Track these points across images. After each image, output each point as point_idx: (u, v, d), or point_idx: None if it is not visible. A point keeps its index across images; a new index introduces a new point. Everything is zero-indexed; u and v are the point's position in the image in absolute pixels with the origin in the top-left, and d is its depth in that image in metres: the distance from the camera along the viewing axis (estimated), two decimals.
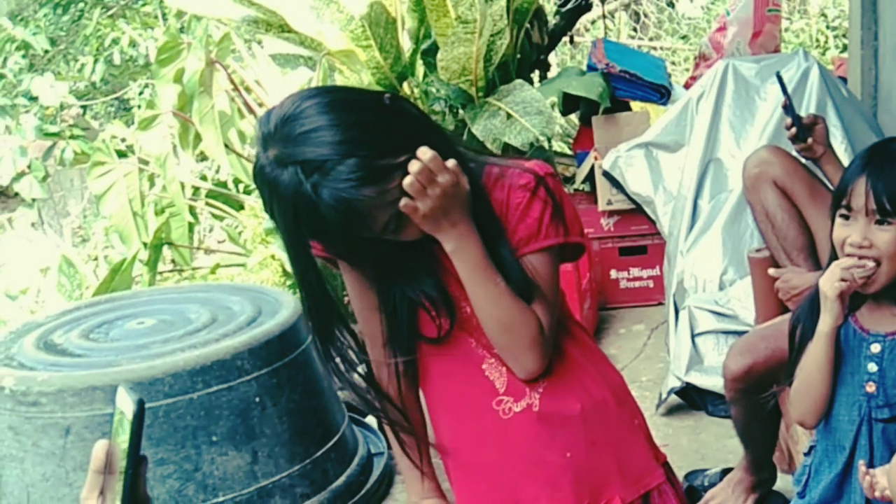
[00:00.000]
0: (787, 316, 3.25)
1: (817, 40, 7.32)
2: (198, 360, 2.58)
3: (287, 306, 2.85)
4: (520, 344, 1.76)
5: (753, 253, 3.62)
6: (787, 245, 3.45)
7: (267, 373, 2.66)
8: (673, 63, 8.17)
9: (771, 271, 3.41)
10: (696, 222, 4.45)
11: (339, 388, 2.34)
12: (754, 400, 3.10)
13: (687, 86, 5.52)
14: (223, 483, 2.55)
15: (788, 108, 3.33)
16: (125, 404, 1.23)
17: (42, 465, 2.53)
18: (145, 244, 4.67)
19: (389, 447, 2.98)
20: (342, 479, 2.79)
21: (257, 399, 2.62)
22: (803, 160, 3.41)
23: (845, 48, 7.57)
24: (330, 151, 1.59)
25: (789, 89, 4.24)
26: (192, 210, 4.91)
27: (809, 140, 3.29)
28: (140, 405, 1.21)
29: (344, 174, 1.58)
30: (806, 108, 4.24)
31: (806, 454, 2.36)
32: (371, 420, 3.27)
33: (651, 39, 7.72)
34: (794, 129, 3.30)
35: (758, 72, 4.58)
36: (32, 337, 2.87)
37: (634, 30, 9.19)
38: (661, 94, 5.38)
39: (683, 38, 8.16)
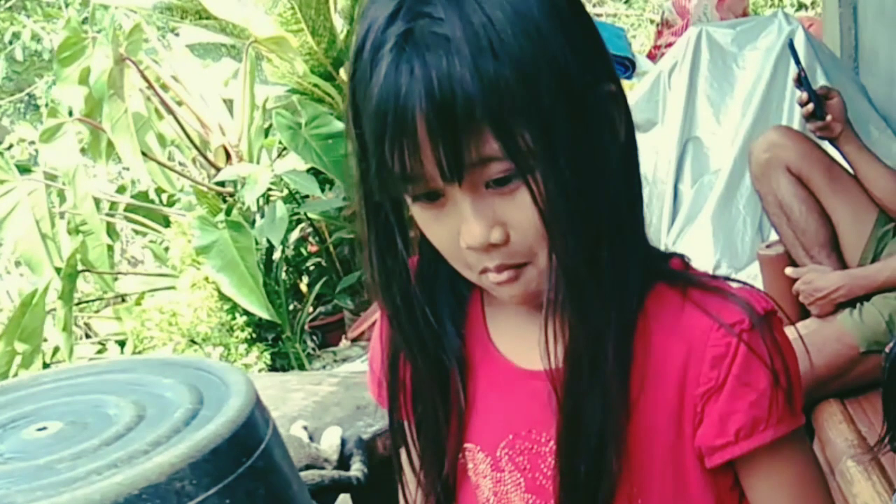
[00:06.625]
0: (834, 321, 2.66)
1: (781, 0, 6.66)
2: (121, 489, 1.68)
3: (237, 389, 1.93)
4: None
5: (765, 250, 3.04)
6: (805, 240, 2.87)
7: (217, 492, 1.77)
8: None
9: (789, 271, 2.86)
10: (679, 211, 3.77)
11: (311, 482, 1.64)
12: None
13: (651, 56, 4.75)
14: None
15: (802, 80, 2.72)
16: None
17: None
18: (59, 271, 3.75)
19: None
20: None
21: None
22: (818, 141, 2.84)
23: (803, 7, 7.04)
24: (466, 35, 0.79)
25: (774, 57, 3.67)
26: (109, 228, 3.98)
27: (828, 118, 2.75)
28: None
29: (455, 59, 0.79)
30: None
31: None
32: None
33: (594, 6, 6.93)
34: (809, 106, 2.71)
35: (734, 38, 3.90)
36: None
37: None
38: (626, 66, 4.63)
39: (626, 2, 7.34)
